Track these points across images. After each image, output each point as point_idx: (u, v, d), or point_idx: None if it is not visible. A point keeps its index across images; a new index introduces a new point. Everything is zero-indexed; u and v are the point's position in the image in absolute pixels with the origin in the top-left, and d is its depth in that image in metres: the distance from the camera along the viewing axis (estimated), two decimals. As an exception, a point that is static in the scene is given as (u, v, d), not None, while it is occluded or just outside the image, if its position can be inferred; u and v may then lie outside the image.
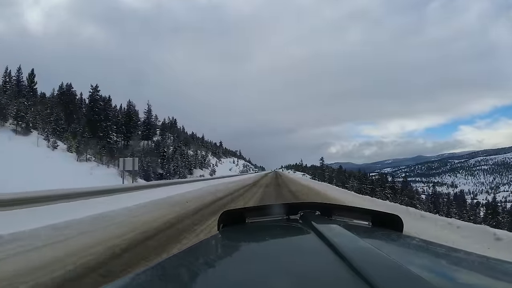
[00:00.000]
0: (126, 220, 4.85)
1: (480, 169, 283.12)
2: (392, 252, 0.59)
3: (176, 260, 0.69)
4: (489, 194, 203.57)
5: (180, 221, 5.12)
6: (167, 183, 17.81)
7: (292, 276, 0.50)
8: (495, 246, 3.34)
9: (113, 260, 2.89)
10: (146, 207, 6.28)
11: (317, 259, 0.57)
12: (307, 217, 0.89)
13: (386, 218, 0.91)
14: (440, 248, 0.75)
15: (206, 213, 6.23)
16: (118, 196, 8.68)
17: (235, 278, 0.51)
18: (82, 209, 5.29)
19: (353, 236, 0.63)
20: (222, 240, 0.86)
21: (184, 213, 5.96)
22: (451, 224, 4.58)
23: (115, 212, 5.27)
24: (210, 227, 4.48)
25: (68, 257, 2.84)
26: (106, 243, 3.42)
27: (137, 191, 10.83)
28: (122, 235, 3.84)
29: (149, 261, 2.82)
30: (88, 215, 4.65)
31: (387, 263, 0.48)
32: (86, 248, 3.14)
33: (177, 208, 6.56)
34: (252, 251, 0.72)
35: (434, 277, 0.49)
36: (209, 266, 0.61)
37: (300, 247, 0.70)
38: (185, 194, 9.88)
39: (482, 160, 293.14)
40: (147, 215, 5.40)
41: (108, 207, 5.55)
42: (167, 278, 0.56)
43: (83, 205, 6.25)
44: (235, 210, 1.00)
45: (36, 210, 5.36)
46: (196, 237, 3.94)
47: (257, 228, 0.93)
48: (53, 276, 2.39)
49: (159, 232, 4.20)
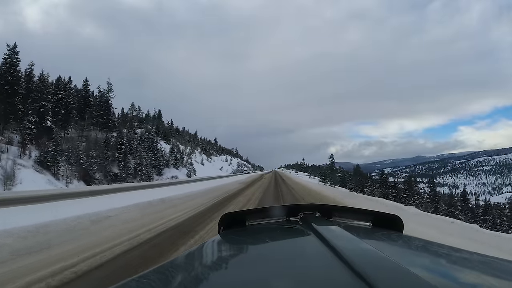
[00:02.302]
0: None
1: (481, 169, 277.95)
2: (392, 253, 0.59)
3: (177, 263, 0.69)
4: (492, 195, 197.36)
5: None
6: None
7: (293, 278, 0.50)
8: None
9: None
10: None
11: (317, 261, 0.57)
12: (307, 218, 0.89)
13: (387, 218, 0.91)
14: (441, 249, 0.75)
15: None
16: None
17: (236, 280, 0.51)
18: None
19: (353, 237, 0.63)
20: (223, 242, 0.85)
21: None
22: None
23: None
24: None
25: None
26: None
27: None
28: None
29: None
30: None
31: (388, 264, 0.47)
32: None
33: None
34: (252, 254, 0.72)
35: (435, 277, 0.49)
36: (210, 269, 0.62)
37: (300, 249, 0.70)
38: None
39: (484, 161, 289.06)
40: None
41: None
42: (168, 281, 0.55)
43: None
44: (235, 213, 1.00)
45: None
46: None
47: (257, 231, 0.92)
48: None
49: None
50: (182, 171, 41.07)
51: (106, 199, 8.46)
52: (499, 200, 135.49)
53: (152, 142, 36.22)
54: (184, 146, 69.22)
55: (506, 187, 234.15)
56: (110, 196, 9.71)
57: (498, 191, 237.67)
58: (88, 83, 39.74)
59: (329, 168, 37.86)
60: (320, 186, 22.94)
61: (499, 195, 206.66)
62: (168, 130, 70.70)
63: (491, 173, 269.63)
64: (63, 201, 7.77)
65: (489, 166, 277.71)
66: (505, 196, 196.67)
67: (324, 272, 0.51)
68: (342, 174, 41.48)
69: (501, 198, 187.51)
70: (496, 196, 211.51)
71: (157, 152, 34.94)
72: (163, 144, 48.46)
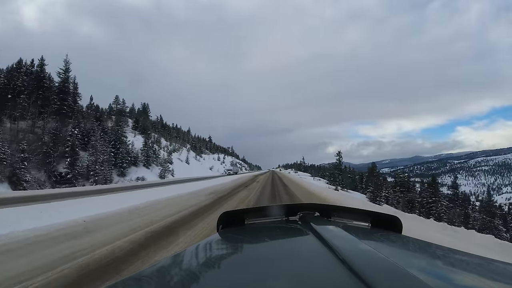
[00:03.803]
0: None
1: (480, 170, 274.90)
2: (391, 254, 0.60)
3: (174, 261, 0.69)
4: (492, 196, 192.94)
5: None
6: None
7: (291, 277, 0.50)
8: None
9: None
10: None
11: (316, 261, 0.57)
12: (306, 218, 0.89)
13: (386, 219, 0.91)
14: (439, 250, 0.74)
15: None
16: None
17: (234, 279, 0.51)
18: None
19: (352, 238, 0.64)
20: (221, 241, 0.84)
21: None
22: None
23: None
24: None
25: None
26: None
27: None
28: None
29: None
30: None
31: (386, 265, 0.47)
32: None
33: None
34: (251, 253, 0.72)
35: (433, 278, 0.49)
36: (208, 267, 0.62)
37: (299, 249, 0.69)
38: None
39: (482, 161, 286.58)
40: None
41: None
42: (166, 280, 0.55)
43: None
44: (234, 212, 0.98)
45: None
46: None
47: (256, 230, 0.92)
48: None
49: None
50: (154, 171, 33.53)
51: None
52: (500, 201, 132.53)
53: (117, 135, 28.72)
54: (170, 142, 61.90)
55: (505, 187, 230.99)
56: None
57: (497, 191, 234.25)
58: (44, 62, 32.39)
59: (337, 168, 30.39)
60: (332, 193, 16.15)
61: (499, 195, 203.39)
62: (152, 125, 63.34)
63: (490, 173, 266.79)
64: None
65: (488, 166, 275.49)
66: (505, 197, 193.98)
67: (322, 272, 0.50)
68: (351, 174, 34.65)
69: (501, 198, 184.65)
70: (496, 196, 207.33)
71: (121, 147, 27.64)
72: (140, 139, 41.07)
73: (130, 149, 30.55)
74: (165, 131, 70.64)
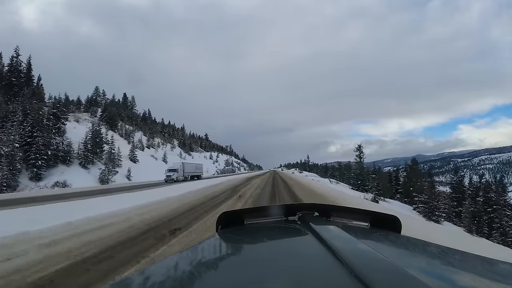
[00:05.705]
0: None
1: (485, 168, 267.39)
2: (390, 254, 0.60)
3: (174, 262, 0.69)
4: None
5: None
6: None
7: (290, 277, 0.50)
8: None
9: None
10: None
11: (315, 261, 0.57)
12: (305, 218, 0.89)
13: (385, 219, 0.91)
14: (438, 249, 0.75)
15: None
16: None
17: (233, 279, 0.51)
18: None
19: (351, 237, 0.64)
20: (220, 241, 0.85)
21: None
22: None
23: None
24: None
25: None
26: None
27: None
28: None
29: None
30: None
31: (385, 265, 0.48)
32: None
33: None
34: (250, 253, 0.72)
35: (432, 278, 0.49)
36: (207, 268, 0.62)
37: (298, 249, 0.70)
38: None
39: (486, 159, 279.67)
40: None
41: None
42: (165, 279, 0.56)
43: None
44: (233, 212, 0.99)
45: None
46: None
47: (255, 230, 0.92)
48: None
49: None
50: (93, 173, 24.27)
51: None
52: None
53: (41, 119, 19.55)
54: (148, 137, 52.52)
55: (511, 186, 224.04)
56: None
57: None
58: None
59: (359, 168, 21.07)
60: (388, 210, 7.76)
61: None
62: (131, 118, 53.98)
63: (494, 171, 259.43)
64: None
65: (493, 165, 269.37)
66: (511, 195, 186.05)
67: (321, 272, 0.51)
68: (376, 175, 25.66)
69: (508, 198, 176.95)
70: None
71: (43, 135, 18.75)
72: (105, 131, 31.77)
73: (63, 141, 21.44)
74: (146, 125, 61.38)
